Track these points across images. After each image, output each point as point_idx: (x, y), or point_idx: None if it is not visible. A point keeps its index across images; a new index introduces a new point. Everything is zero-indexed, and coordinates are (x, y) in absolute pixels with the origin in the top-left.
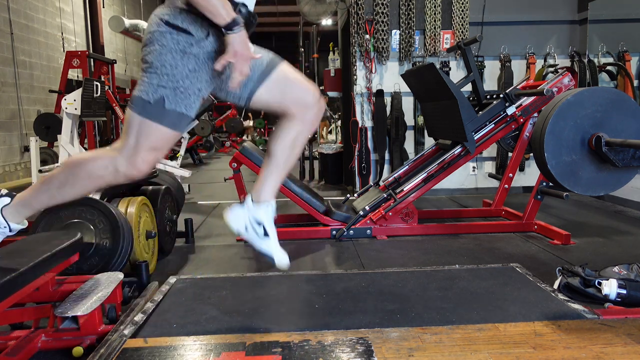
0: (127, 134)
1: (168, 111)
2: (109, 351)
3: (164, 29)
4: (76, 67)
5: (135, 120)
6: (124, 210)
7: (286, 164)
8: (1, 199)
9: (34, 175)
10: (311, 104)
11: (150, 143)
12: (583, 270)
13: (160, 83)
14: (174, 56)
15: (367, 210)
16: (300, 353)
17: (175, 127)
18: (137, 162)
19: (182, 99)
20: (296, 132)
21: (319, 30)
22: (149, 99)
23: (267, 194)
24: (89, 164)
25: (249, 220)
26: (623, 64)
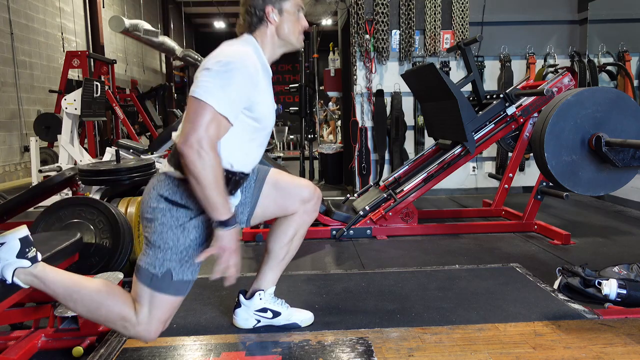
0: (140, 303)
1: (176, 282)
2: (109, 351)
3: (164, 205)
4: (76, 67)
5: (144, 291)
6: (124, 210)
7: (287, 260)
8: (22, 261)
9: (34, 175)
10: (308, 198)
11: (162, 315)
12: (583, 270)
13: (165, 257)
14: (175, 232)
15: (367, 210)
16: (300, 353)
17: (183, 293)
18: (150, 333)
19: (188, 267)
20: (297, 226)
21: (319, 30)
22: (156, 273)
23: (267, 283)
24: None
25: (253, 315)
26: (623, 64)
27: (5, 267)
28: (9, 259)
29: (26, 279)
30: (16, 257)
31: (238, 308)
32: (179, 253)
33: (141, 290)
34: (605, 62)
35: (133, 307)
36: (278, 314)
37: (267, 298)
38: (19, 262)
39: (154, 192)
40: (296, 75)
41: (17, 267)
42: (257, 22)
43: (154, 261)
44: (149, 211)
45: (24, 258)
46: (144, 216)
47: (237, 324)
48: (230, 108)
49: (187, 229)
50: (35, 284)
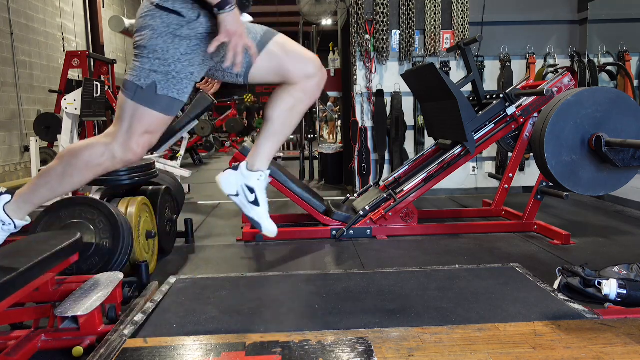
0: (120, 119)
1: (160, 96)
2: (109, 351)
3: (155, 11)
4: (76, 67)
5: (128, 105)
6: (124, 210)
7: (283, 132)
8: (2, 197)
9: (34, 175)
10: (312, 73)
11: (143, 127)
12: (583, 270)
13: (152, 68)
14: (165, 40)
15: (367, 210)
16: (300, 353)
17: (168, 111)
18: (132, 146)
19: (174, 84)
20: (295, 100)
21: (319, 30)
22: (141, 84)
23: (261, 162)
24: (85, 153)
25: (240, 186)
26: (623, 64)
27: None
28: None
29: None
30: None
31: (232, 170)
32: (167, 65)
33: (124, 104)
34: (605, 62)
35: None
36: (257, 205)
37: (263, 183)
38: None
39: (146, 2)
40: None
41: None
42: None
43: (140, 73)
44: (139, 22)
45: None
46: (136, 28)
47: (219, 181)
48: None
49: (177, 37)
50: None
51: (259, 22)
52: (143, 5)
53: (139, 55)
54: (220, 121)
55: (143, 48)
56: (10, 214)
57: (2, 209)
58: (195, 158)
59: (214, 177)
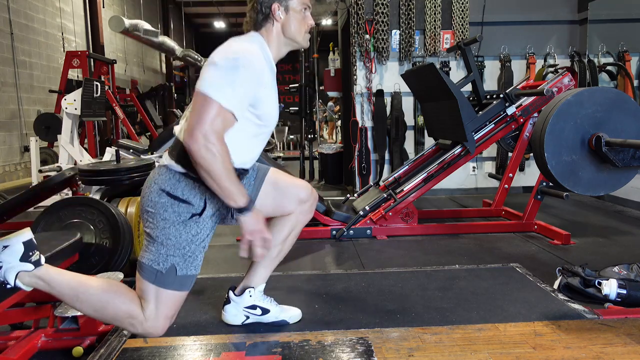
0: (146, 300)
1: (180, 277)
2: (109, 351)
3: (165, 199)
4: (76, 67)
5: (150, 288)
6: (124, 210)
7: (280, 257)
8: (25, 265)
9: (34, 175)
10: (305, 198)
11: (170, 311)
12: (583, 270)
13: (168, 252)
14: (177, 228)
15: (367, 210)
16: (300, 353)
17: (188, 287)
18: (158, 329)
19: (191, 262)
20: (293, 225)
21: (319, 30)
22: (161, 269)
23: (257, 280)
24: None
25: (242, 312)
26: (623, 64)
27: (8, 271)
28: (12, 262)
29: (30, 281)
30: (19, 261)
31: (227, 304)
32: (181, 248)
33: (146, 287)
34: (605, 62)
35: (139, 304)
36: (267, 311)
37: (257, 295)
38: (22, 265)
39: (155, 187)
40: (296, 75)
41: (20, 271)
42: (263, 20)
43: (157, 257)
44: (150, 205)
45: (27, 261)
46: (144, 210)
47: (225, 319)
48: (236, 104)
49: (188, 225)
50: (40, 286)
51: None
52: (152, 188)
53: (153, 241)
54: None
55: (156, 236)
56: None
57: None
58: None
59: None
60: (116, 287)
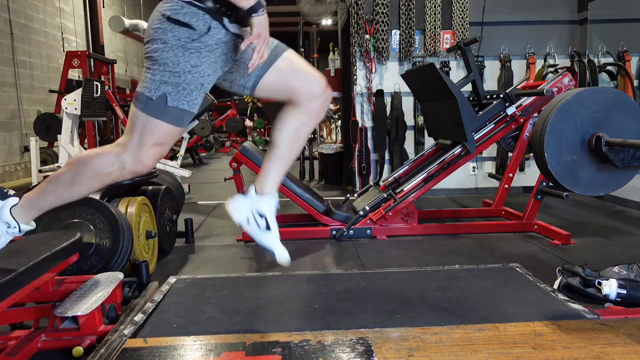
0: (131, 130)
1: (171, 108)
2: (109, 351)
3: (166, 24)
4: (76, 67)
5: (139, 116)
6: (124, 210)
7: (290, 154)
8: (10, 199)
9: (34, 175)
10: (318, 94)
11: (154, 139)
12: (583, 270)
13: (162, 79)
14: (176, 53)
15: (367, 210)
16: (300, 353)
17: (178, 123)
18: (142, 157)
19: (185, 96)
20: (300, 122)
21: (319, 30)
22: (152, 96)
23: (270, 186)
24: (95, 162)
25: (251, 212)
26: (623, 64)
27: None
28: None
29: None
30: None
31: (242, 197)
32: (176, 76)
33: (135, 116)
34: (605, 62)
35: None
36: (269, 230)
37: (273, 208)
38: (7, 201)
39: (157, 13)
40: None
41: (10, 206)
42: None
43: (150, 84)
44: (150, 33)
45: (7, 197)
46: (146, 40)
47: (230, 208)
48: None
49: (188, 50)
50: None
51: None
52: (154, 15)
53: (150, 68)
54: (220, 121)
55: (154, 60)
56: (16, 217)
57: (9, 211)
58: (195, 158)
59: (214, 177)
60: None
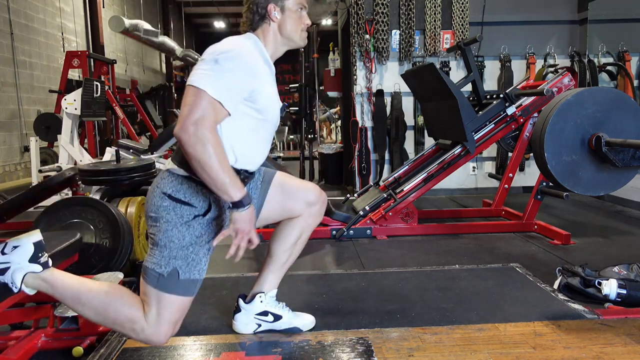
0: (148, 304)
1: (182, 281)
2: (109, 351)
3: (167, 203)
4: (76, 67)
5: (153, 292)
6: (124, 210)
7: (288, 262)
8: (34, 266)
9: (34, 175)
10: (314, 201)
11: (171, 316)
12: (583, 270)
13: (171, 255)
14: (180, 229)
15: (367, 210)
16: (300, 353)
17: (191, 293)
18: (160, 335)
19: (194, 266)
20: (301, 230)
21: (319, 30)
22: (163, 272)
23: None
24: (122, 310)
25: (253, 319)
26: (623, 64)
27: (16, 271)
28: (21, 263)
29: (34, 283)
30: (28, 262)
31: (238, 313)
32: (184, 250)
33: (149, 291)
34: (605, 62)
35: (142, 309)
36: (279, 317)
37: (269, 301)
38: (31, 266)
39: (158, 190)
40: (296, 75)
41: (28, 272)
42: (259, 20)
43: (160, 260)
44: (153, 210)
45: (36, 263)
46: (148, 215)
47: (237, 329)
48: (226, 94)
49: (192, 226)
50: (43, 288)
51: None
52: (155, 192)
53: (157, 245)
54: None
55: (159, 240)
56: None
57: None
58: None
59: None
60: (119, 290)
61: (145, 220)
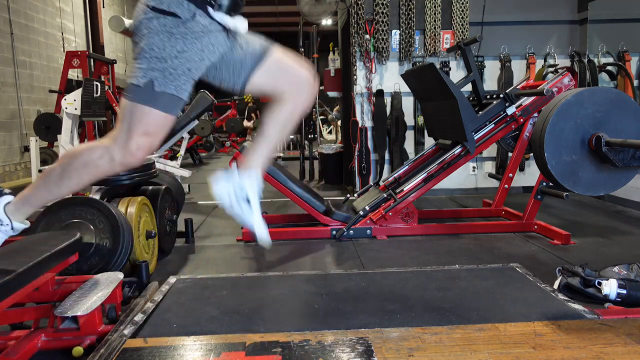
0: (120, 122)
1: (158, 93)
2: (109, 351)
3: (151, 14)
4: (76, 67)
5: (128, 106)
6: (124, 210)
7: (276, 138)
8: (3, 197)
9: (34, 175)
10: (304, 82)
11: (143, 127)
12: (583, 270)
13: (149, 66)
14: (162, 38)
15: (367, 210)
16: (300, 353)
17: (167, 109)
18: (131, 148)
19: (171, 80)
20: (289, 112)
21: (319, 30)
22: (139, 83)
23: (254, 163)
24: (84, 155)
25: (234, 191)
26: (623, 64)
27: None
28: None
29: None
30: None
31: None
32: (162, 61)
33: (124, 107)
34: (605, 62)
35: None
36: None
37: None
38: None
39: (141, 5)
40: None
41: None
42: None
43: (138, 73)
44: (136, 25)
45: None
46: (133, 32)
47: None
48: None
49: (173, 36)
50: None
51: (260, 22)
52: (138, 8)
53: (137, 57)
54: (220, 121)
55: (140, 49)
56: (9, 215)
57: (3, 209)
58: (195, 158)
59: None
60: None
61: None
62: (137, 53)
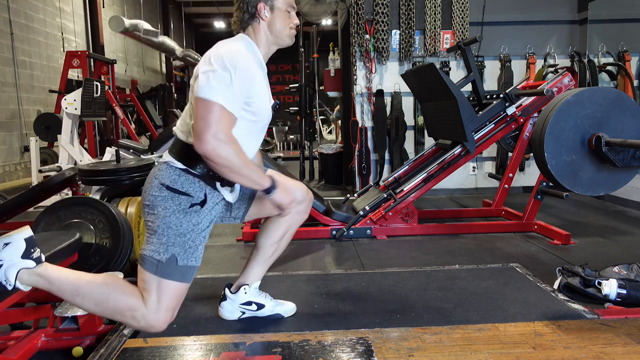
0: (147, 291)
1: (181, 267)
2: (109, 351)
3: (165, 193)
4: (76, 67)
5: (152, 279)
6: (124, 210)
7: (273, 257)
8: (27, 262)
9: (34, 175)
10: (301, 199)
11: (170, 302)
12: (583, 270)
13: (169, 242)
14: (178, 216)
15: (367, 210)
16: (300, 353)
17: (189, 279)
18: (159, 321)
19: (192, 253)
20: (286, 227)
21: (319, 30)
22: (161, 259)
23: (252, 278)
24: (122, 299)
25: (238, 308)
26: (623, 64)
27: (9, 269)
28: (13, 260)
29: (30, 280)
30: (21, 258)
31: (224, 301)
32: (182, 237)
33: (148, 278)
34: (605, 62)
35: (140, 297)
36: (262, 306)
37: (252, 292)
38: (24, 262)
39: (156, 181)
40: (296, 75)
41: (21, 268)
42: (249, 18)
43: (158, 248)
44: (150, 199)
45: (28, 258)
46: (145, 204)
47: (222, 315)
48: (235, 104)
49: (189, 214)
50: (40, 284)
51: None
52: (152, 182)
53: (154, 232)
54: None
55: (157, 226)
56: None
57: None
58: None
59: None
60: (117, 280)
61: (142, 211)
62: (153, 228)
